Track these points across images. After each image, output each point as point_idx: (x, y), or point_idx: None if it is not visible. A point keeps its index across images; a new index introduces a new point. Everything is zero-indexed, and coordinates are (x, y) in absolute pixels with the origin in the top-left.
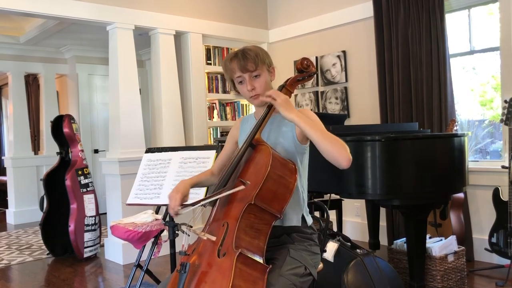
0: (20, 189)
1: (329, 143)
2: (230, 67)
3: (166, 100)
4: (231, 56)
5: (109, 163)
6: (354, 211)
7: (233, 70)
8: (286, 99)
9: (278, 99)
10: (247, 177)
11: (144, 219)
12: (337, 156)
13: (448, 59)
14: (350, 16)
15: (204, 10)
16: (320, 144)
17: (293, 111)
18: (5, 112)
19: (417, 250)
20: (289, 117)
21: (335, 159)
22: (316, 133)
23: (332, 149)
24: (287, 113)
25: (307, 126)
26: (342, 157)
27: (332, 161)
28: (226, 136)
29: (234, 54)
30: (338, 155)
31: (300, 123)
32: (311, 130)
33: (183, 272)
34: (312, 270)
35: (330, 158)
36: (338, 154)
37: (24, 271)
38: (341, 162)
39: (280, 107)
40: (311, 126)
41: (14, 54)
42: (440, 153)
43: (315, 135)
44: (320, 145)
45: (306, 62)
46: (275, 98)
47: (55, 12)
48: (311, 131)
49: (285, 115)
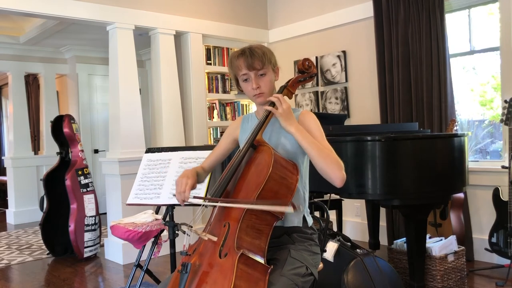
0: (20, 189)
1: (324, 162)
2: (236, 64)
3: (166, 100)
4: (238, 53)
5: (109, 163)
6: (354, 211)
7: (239, 67)
8: (287, 108)
9: (280, 109)
10: (248, 178)
11: (144, 219)
12: (331, 175)
13: (448, 59)
14: (350, 16)
15: (204, 10)
16: (316, 161)
17: (293, 123)
18: (5, 112)
19: (417, 250)
20: (288, 130)
21: (329, 178)
22: (313, 149)
23: (326, 168)
24: (287, 124)
25: (304, 141)
26: (336, 176)
27: (326, 178)
28: None
29: (241, 51)
30: (331, 174)
31: (298, 137)
32: (309, 146)
33: (184, 273)
34: (313, 270)
35: (324, 175)
36: (332, 173)
37: (24, 271)
38: (334, 181)
39: (281, 117)
40: (309, 142)
41: (14, 54)
42: (440, 153)
43: (312, 152)
44: (315, 162)
45: (308, 63)
46: (277, 107)
47: (55, 12)
48: (309, 147)
49: (285, 126)
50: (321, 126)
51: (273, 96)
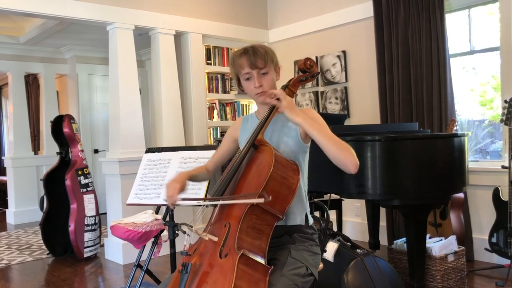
0: (20, 189)
1: (336, 148)
2: (239, 63)
3: (166, 100)
4: (240, 52)
5: (109, 163)
6: (354, 211)
7: (241, 66)
8: (291, 101)
9: (284, 102)
10: (249, 178)
11: (144, 219)
12: (344, 161)
13: (448, 59)
14: (350, 16)
15: (204, 10)
16: (328, 149)
17: (299, 114)
18: (5, 112)
19: (417, 250)
20: (296, 121)
21: (343, 164)
22: (324, 138)
23: (339, 154)
24: (294, 116)
25: (314, 130)
26: (349, 161)
27: (339, 166)
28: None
29: (243, 50)
30: (345, 160)
31: (307, 127)
32: (319, 135)
33: (184, 273)
34: (313, 270)
35: (338, 163)
36: (345, 159)
37: (24, 271)
38: (349, 166)
39: (286, 109)
40: (319, 130)
41: (14, 54)
42: (440, 153)
43: (323, 140)
44: (327, 150)
45: (309, 63)
46: (281, 100)
47: (55, 12)
48: (319, 135)
49: (292, 118)
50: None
51: (274, 90)
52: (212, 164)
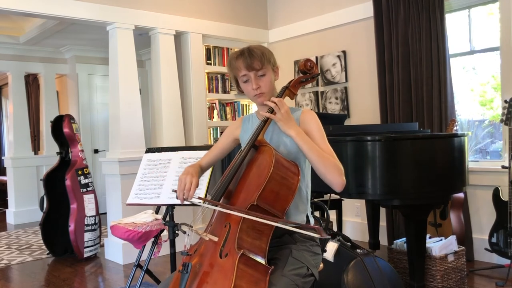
0: (20, 189)
1: (325, 167)
2: (236, 65)
3: (166, 100)
4: (237, 54)
5: (109, 163)
6: (354, 211)
7: (238, 68)
8: (285, 112)
9: (278, 114)
10: (249, 178)
11: (144, 219)
12: (331, 180)
13: (448, 59)
14: (350, 16)
15: (204, 10)
16: (316, 166)
17: (292, 126)
18: (5, 112)
19: (417, 250)
20: (288, 133)
21: (329, 183)
22: (313, 155)
23: (326, 174)
24: (287, 128)
25: (304, 146)
26: (336, 181)
27: (326, 183)
28: None
29: (240, 52)
30: (332, 180)
31: (299, 142)
32: (309, 152)
33: (185, 273)
34: (314, 271)
35: (324, 180)
36: (332, 179)
37: (24, 271)
38: (335, 186)
39: (280, 122)
40: (309, 147)
41: (14, 54)
42: (440, 153)
43: (313, 157)
44: (315, 168)
45: (310, 64)
46: (275, 112)
47: (55, 12)
48: (309, 152)
49: (284, 130)
50: (321, 125)
51: (270, 101)
52: (206, 161)
